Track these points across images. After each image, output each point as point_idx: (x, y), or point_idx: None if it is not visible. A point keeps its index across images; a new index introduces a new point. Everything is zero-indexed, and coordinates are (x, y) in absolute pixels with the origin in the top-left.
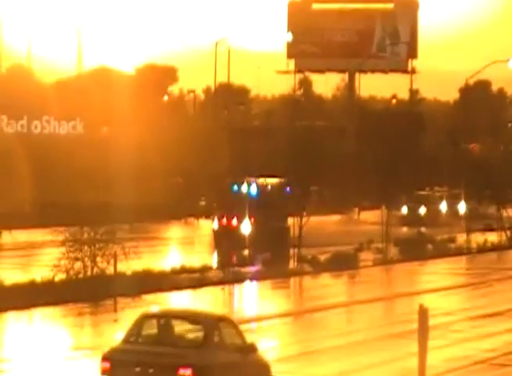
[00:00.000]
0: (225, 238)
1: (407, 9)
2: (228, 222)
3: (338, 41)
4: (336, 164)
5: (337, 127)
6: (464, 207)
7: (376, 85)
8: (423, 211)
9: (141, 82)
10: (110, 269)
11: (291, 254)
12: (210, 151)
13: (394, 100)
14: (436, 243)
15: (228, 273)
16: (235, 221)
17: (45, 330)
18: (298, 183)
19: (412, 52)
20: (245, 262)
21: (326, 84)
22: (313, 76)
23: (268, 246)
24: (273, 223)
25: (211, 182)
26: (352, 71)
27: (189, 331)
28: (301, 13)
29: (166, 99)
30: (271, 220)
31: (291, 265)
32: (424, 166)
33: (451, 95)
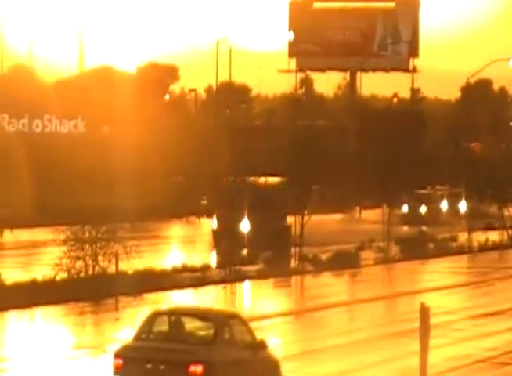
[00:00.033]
0: (224, 237)
1: (408, 8)
2: (227, 222)
3: (339, 40)
4: (337, 163)
5: (339, 126)
6: (465, 206)
7: (377, 84)
8: (424, 209)
9: (142, 81)
10: (112, 268)
11: (292, 252)
12: (211, 150)
13: (396, 99)
14: (437, 242)
15: (229, 272)
16: (234, 220)
17: (47, 329)
18: (299, 182)
19: (414, 51)
20: (245, 261)
21: (328, 83)
22: (314, 75)
23: (269, 245)
24: (272, 222)
25: (212, 180)
26: (353, 70)
27: (200, 328)
28: (302, 12)
29: (167, 98)
30: (270, 219)
31: (292, 264)
32: (425, 165)
33: (452, 94)
